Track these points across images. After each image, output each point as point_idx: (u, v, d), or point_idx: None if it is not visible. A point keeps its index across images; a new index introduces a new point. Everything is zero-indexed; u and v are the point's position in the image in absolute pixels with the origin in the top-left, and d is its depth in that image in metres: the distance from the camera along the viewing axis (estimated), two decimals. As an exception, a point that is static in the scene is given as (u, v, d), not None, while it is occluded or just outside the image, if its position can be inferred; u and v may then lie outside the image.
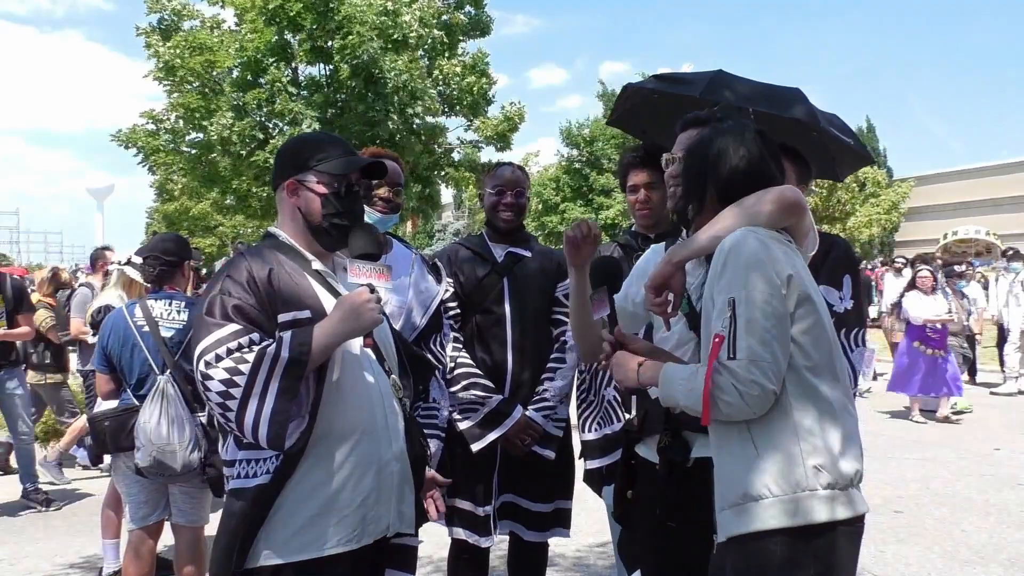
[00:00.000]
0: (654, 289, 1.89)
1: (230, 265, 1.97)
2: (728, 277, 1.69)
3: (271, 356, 1.77)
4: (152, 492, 3.46)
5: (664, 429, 2.01)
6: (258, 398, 1.77)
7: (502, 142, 16.04)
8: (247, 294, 1.87)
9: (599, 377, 2.95)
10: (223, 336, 1.81)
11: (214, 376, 1.78)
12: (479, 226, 36.40)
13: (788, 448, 1.63)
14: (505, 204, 3.04)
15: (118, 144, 15.04)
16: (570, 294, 2.32)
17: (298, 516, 1.87)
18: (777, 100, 3.26)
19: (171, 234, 3.93)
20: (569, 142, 29.65)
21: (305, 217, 2.01)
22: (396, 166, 2.81)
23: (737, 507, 1.66)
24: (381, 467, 1.95)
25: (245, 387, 1.76)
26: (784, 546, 1.62)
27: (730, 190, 1.84)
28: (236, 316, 1.83)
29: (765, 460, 1.64)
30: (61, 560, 4.67)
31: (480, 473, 2.95)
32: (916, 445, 7.37)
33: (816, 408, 1.65)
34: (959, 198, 30.00)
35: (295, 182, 2.00)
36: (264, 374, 1.77)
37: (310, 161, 2.00)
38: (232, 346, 1.79)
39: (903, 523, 5.05)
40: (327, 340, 1.83)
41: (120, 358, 3.43)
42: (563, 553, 4.36)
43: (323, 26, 13.41)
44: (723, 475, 1.72)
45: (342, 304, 1.87)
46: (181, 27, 14.80)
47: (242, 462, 1.90)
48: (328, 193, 1.99)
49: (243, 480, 1.89)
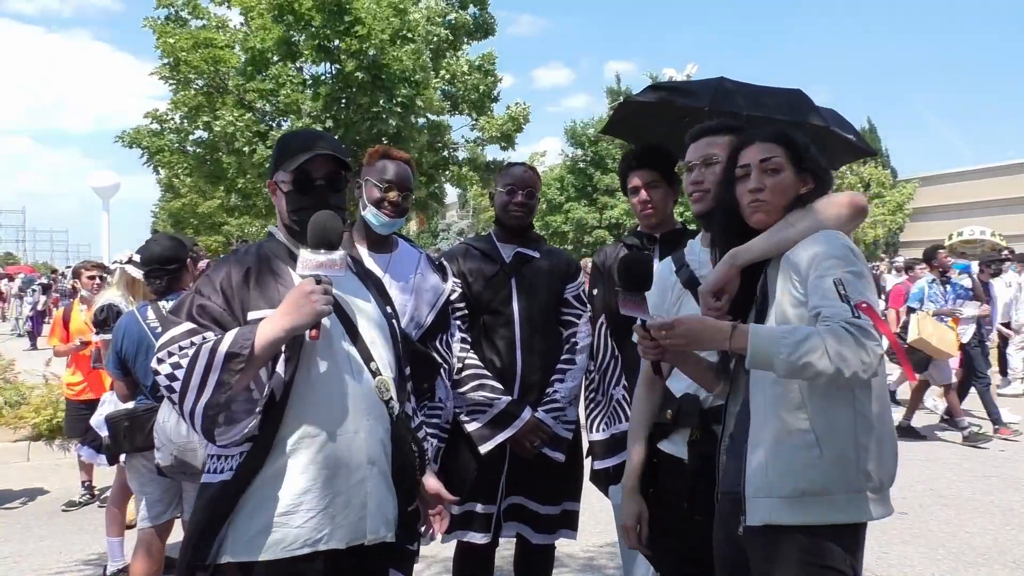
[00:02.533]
0: (714, 293, 1.92)
1: (215, 265, 2.03)
2: (830, 263, 1.73)
3: (208, 350, 1.79)
4: (167, 491, 3.49)
5: (696, 423, 2.05)
6: (195, 391, 1.79)
7: (506, 142, 16.06)
8: (216, 294, 1.92)
9: (608, 377, 2.95)
10: (177, 334, 1.85)
11: (161, 371, 1.83)
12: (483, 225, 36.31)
13: (847, 449, 1.73)
14: (516, 203, 3.04)
15: (123, 145, 15.12)
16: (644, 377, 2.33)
17: (262, 514, 1.84)
18: (784, 105, 3.29)
19: (162, 237, 3.85)
20: (574, 142, 29.65)
21: (281, 217, 2.07)
22: (408, 169, 2.78)
23: (791, 499, 1.74)
24: (352, 469, 1.90)
25: (183, 379, 1.80)
26: (834, 540, 1.73)
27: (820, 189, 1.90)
28: (198, 315, 1.89)
29: (826, 459, 1.72)
30: (66, 557, 4.69)
31: (487, 474, 2.94)
32: (920, 446, 7.36)
33: (870, 413, 1.76)
34: (964, 199, 29.95)
35: (273, 183, 2.06)
36: (202, 367, 1.79)
37: (280, 160, 2.03)
38: (184, 343, 1.83)
39: (907, 524, 5.05)
40: (271, 334, 1.80)
41: (135, 360, 3.44)
42: (571, 553, 4.36)
43: (333, 26, 13.42)
44: (778, 466, 1.76)
45: (287, 297, 1.86)
46: (189, 24, 14.85)
47: (212, 457, 1.93)
48: (290, 191, 2.00)
49: (210, 475, 1.92)
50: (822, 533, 1.73)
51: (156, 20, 14.47)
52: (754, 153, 1.91)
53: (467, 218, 42.29)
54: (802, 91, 3.40)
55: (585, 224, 28.66)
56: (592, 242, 27.56)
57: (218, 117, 13.77)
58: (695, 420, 2.07)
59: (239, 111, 13.82)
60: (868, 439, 1.74)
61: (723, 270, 1.91)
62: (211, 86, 14.52)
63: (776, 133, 1.93)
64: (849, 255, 1.74)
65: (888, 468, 1.79)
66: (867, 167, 28.20)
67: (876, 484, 1.75)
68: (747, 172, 1.91)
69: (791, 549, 1.76)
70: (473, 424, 2.91)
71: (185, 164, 15.61)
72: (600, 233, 27.96)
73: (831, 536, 1.74)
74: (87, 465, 5.68)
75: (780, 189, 1.87)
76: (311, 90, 14.31)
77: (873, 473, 1.74)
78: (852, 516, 1.74)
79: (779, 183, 1.87)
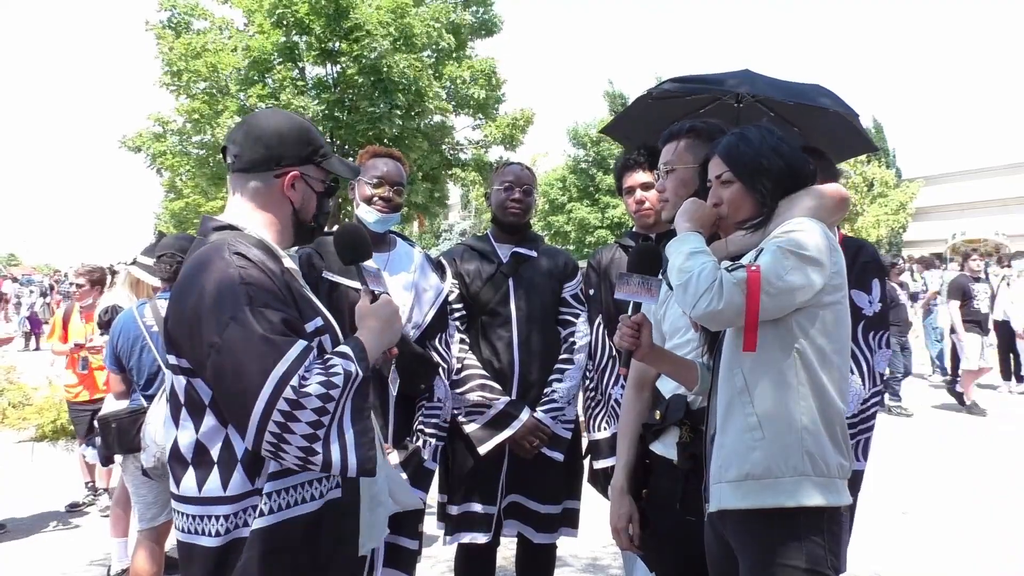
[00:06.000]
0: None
1: (234, 269, 1.61)
2: (780, 239, 1.76)
3: (351, 378, 1.59)
4: (160, 493, 3.48)
5: (683, 423, 2.07)
6: (339, 422, 1.57)
7: (510, 143, 16.07)
8: (288, 306, 1.64)
9: (606, 376, 2.96)
10: (297, 354, 1.54)
11: (307, 405, 1.52)
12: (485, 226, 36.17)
13: (788, 432, 1.73)
14: (513, 200, 3.04)
15: (126, 150, 15.17)
16: (631, 383, 2.34)
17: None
18: (805, 93, 3.30)
19: (184, 234, 3.99)
20: (576, 142, 29.65)
21: (297, 213, 1.83)
22: (399, 165, 2.84)
23: (737, 483, 1.76)
24: (380, 467, 1.91)
25: (333, 412, 1.55)
26: (779, 526, 1.72)
27: (784, 185, 1.90)
28: (293, 331, 1.59)
29: (767, 441, 1.73)
30: (70, 558, 4.70)
31: (486, 475, 2.95)
32: (922, 445, 7.35)
33: (816, 398, 1.75)
34: (968, 198, 29.89)
35: (299, 174, 1.81)
36: (348, 397, 1.58)
37: (314, 155, 1.83)
38: (308, 364, 1.55)
39: (909, 523, 5.04)
40: (375, 354, 1.73)
41: (130, 358, 3.46)
42: (574, 552, 4.37)
43: (333, 30, 13.46)
44: (726, 451, 1.80)
45: (377, 316, 1.78)
46: (191, 26, 14.88)
47: (297, 487, 1.66)
48: (324, 192, 1.88)
49: (306, 505, 1.66)
50: (776, 518, 1.72)
51: (158, 24, 14.52)
52: (712, 168, 1.98)
53: (469, 219, 42.28)
54: (821, 86, 3.41)
55: (587, 224, 28.67)
56: (594, 242, 27.55)
57: (220, 124, 13.80)
58: (683, 419, 2.08)
59: (240, 118, 13.85)
60: (812, 423, 1.73)
61: None
62: (213, 90, 14.55)
63: (724, 147, 1.95)
64: (803, 241, 1.74)
65: (835, 454, 1.75)
66: (871, 166, 28.17)
67: (823, 468, 1.72)
68: (710, 184, 1.99)
69: (742, 532, 1.79)
70: (472, 425, 2.91)
71: (187, 166, 15.64)
72: (602, 233, 27.95)
73: (784, 521, 1.72)
74: (90, 465, 5.69)
75: (734, 204, 1.92)
76: (313, 91, 14.34)
77: (818, 457, 1.72)
78: (797, 500, 1.70)
79: (732, 198, 1.92)
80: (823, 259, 1.74)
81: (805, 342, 1.75)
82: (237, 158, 1.80)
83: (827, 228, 1.82)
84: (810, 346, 1.75)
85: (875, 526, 4.87)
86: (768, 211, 1.88)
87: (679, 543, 2.10)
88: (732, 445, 1.78)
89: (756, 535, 1.76)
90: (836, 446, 1.76)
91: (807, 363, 1.74)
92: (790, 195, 1.88)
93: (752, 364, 1.77)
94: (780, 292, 1.70)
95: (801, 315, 1.75)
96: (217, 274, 1.59)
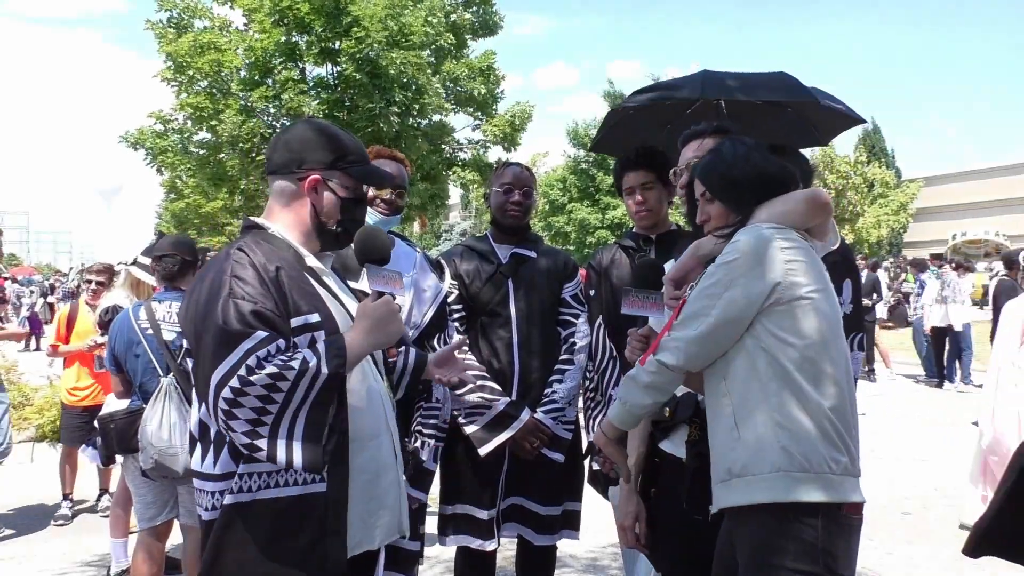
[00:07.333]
0: (675, 282, 2.03)
1: (230, 262, 1.74)
2: (719, 273, 1.82)
3: (312, 371, 1.62)
4: (160, 493, 3.49)
5: (692, 421, 2.07)
6: (291, 414, 1.62)
7: (509, 142, 16.06)
8: (266, 298, 1.69)
9: (607, 377, 2.95)
10: (252, 346, 1.62)
11: (250, 392, 1.59)
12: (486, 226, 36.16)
13: (763, 428, 1.75)
14: (513, 202, 3.03)
15: (126, 146, 15.13)
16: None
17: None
18: (770, 86, 3.39)
19: (185, 235, 3.99)
20: (576, 142, 29.65)
21: (319, 216, 1.87)
22: (401, 167, 2.83)
23: (723, 483, 1.81)
24: (388, 469, 1.93)
25: (282, 401, 1.61)
26: (767, 523, 1.74)
27: (758, 193, 1.93)
28: (261, 322, 1.66)
29: (743, 439, 1.77)
30: (70, 558, 4.70)
31: (486, 476, 2.94)
32: (924, 446, 7.35)
33: (792, 394, 1.74)
34: (968, 199, 29.89)
35: (321, 179, 1.86)
36: (304, 388, 1.62)
37: (339, 161, 1.87)
38: (261, 354, 1.62)
39: (911, 524, 5.04)
40: (360, 352, 1.74)
41: (126, 360, 3.46)
42: (574, 554, 4.36)
43: (332, 28, 13.47)
44: (715, 451, 1.85)
45: (369, 315, 1.78)
46: (192, 25, 14.87)
47: (277, 473, 1.73)
48: (350, 198, 1.89)
49: (256, 492, 1.72)
50: (763, 515, 1.73)
51: (158, 24, 14.50)
52: (696, 188, 2.04)
53: (469, 219, 42.29)
54: (786, 73, 3.46)
55: (587, 225, 28.67)
56: (594, 242, 27.55)
57: (222, 121, 13.80)
58: (692, 417, 2.09)
59: (242, 117, 13.85)
60: (787, 419, 1.73)
61: (685, 261, 2.05)
62: (214, 88, 14.53)
63: (701, 167, 2.02)
64: (731, 254, 1.80)
65: (825, 449, 1.73)
66: (872, 167, 28.18)
67: (803, 463, 1.71)
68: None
69: (736, 530, 1.82)
70: (472, 426, 2.90)
71: (188, 165, 15.63)
72: (602, 233, 27.95)
73: (772, 518, 1.72)
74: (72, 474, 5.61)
75: (719, 219, 1.98)
76: (314, 91, 14.34)
77: (796, 452, 1.71)
78: (777, 496, 1.70)
79: (716, 213, 1.98)
80: (757, 268, 1.77)
81: (772, 341, 1.77)
82: (269, 160, 1.93)
83: (790, 232, 1.82)
84: (778, 345, 1.76)
85: (876, 527, 4.86)
86: (741, 219, 1.91)
87: (685, 542, 2.10)
88: (717, 446, 1.84)
89: (747, 532, 1.78)
90: (827, 441, 1.73)
91: (776, 362, 1.76)
92: (765, 202, 1.90)
93: (727, 366, 1.82)
94: (711, 328, 1.79)
95: (764, 317, 1.78)
96: (216, 269, 1.76)
